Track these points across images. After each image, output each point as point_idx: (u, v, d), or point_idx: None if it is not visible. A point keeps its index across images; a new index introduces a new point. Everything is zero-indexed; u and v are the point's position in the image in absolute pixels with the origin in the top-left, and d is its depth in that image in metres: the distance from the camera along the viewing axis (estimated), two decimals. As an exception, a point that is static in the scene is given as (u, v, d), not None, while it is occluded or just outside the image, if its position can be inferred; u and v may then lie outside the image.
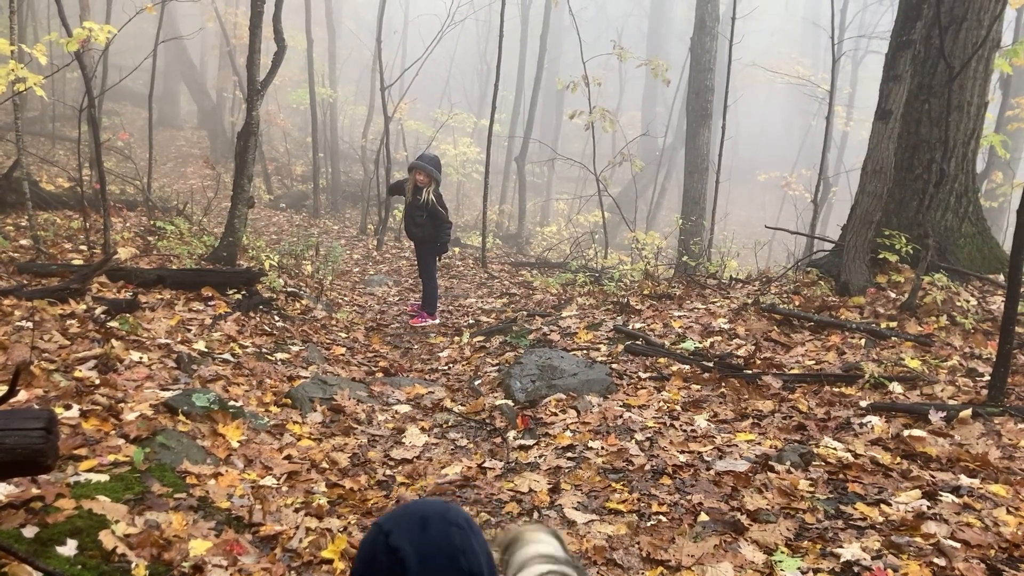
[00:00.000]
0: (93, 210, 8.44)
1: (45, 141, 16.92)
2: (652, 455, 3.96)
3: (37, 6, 18.67)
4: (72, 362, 4.39)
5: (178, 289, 6.57)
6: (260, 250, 9.90)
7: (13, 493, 2.86)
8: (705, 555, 2.95)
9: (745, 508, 3.31)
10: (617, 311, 6.98)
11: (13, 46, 6.86)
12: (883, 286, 6.30)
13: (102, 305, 5.57)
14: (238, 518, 3.21)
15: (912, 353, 5.17)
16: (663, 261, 11.89)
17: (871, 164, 6.16)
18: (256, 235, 12.49)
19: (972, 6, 6.23)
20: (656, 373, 5.25)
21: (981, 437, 3.90)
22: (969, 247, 6.61)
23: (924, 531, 3.01)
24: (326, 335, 6.96)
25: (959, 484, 3.42)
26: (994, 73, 6.89)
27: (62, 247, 7.62)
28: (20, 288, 5.69)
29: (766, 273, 8.21)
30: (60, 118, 17.60)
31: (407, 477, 3.94)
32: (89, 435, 3.50)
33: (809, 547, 2.99)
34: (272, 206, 17.79)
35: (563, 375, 5.17)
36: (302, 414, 4.63)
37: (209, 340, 5.54)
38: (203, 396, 4.16)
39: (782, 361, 5.28)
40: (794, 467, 3.69)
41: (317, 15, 20.27)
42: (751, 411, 4.50)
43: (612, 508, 3.45)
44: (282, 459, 3.92)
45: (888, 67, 6.16)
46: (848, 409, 4.39)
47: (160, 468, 3.36)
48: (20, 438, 2.24)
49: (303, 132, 26.44)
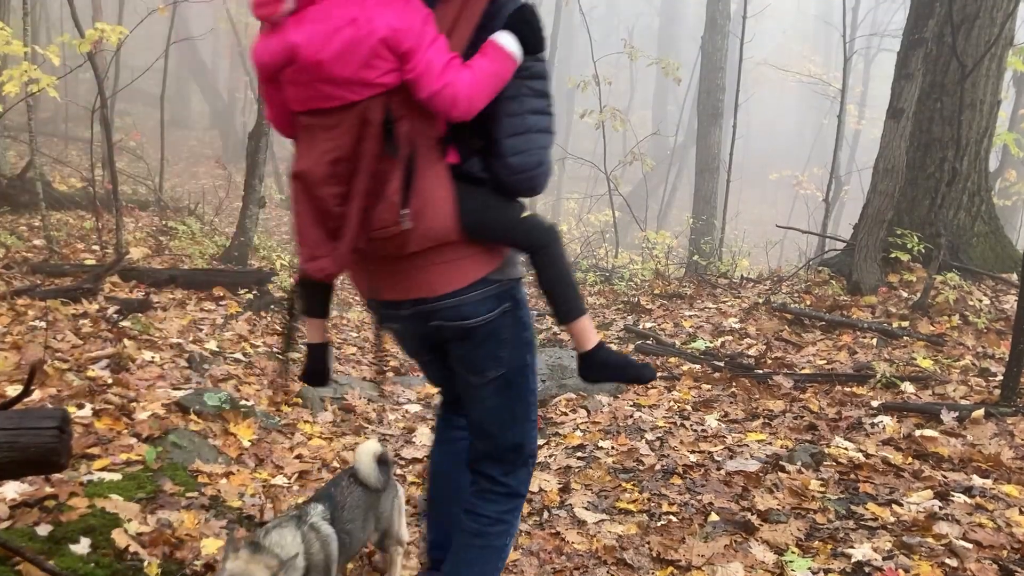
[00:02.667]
0: (105, 210, 8.49)
1: (58, 142, 17.03)
2: (662, 455, 3.96)
3: (50, 8, 18.79)
4: (85, 362, 4.42)
5: (190, 289, 6.60)
6: (271, 250, 9.94)
7: (27, 492, 2.88)
8: (715, 555, 2.94)
9: (756, 508, 3.31)
10: (628, 310, 6.98)
11: (27, 48, 6.91)
12: (895, 285, 6.28)
13: (115, 305, 5.60)
14: (249, 517, 3.22)
15: (924, 352, 5.15)
16: (674, 260, 11.87)
17: (883, 163, 6.13)
18: (267, 235, 12.54)
19: (984, 4, 6.19)
20: (667, 372, 5.25)
21: (994, 437, 3.88)
22: (982, 246, 6.58)
23: (936, 532, 3.00)
24: (337, 334, 6.99)
25: (971, 484, 3.40)
26: (1007, 71, 6.85)
27: (75, 247, 7.68)
28: (34, 288, 5.73)
29: (777, 272, 8.19)
30: (73, 119, 17.69)
31: (418, 477, 3.95)
32: (102, 434, 3.53)
33: (820, 547, 2.98)
34: (283, 206, 17.83)
35: (573, 375, 5.17)
36: (313, 413, 4.65)
37: (221, 340, 5.56)
38: (215, 395, 4.18)
39: (793, 360, 5.26)
40: (805, 467, 3.68)
41: (328, 15, 20.26)
42: (762, 411, 4.49)
43: (622, 508, 3.44)
44: (293, 458, 3.93)
45: (900, 65, 6.14)
46: (859, 409, 4.38)
47: (172, 467, 3.38)
48: (34, 437, 2.25)
49: (314, 132, 26.49)
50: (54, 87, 6.89)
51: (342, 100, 1.82)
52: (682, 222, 16.40)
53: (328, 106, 1.84)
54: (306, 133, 1.93)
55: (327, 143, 1.87)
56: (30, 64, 6.68)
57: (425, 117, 1.87)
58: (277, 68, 1.87)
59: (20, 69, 6.66)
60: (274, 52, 1.85)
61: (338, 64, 1.78)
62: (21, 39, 7.05)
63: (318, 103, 1.85)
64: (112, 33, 7.01)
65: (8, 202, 8.81)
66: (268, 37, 1.87)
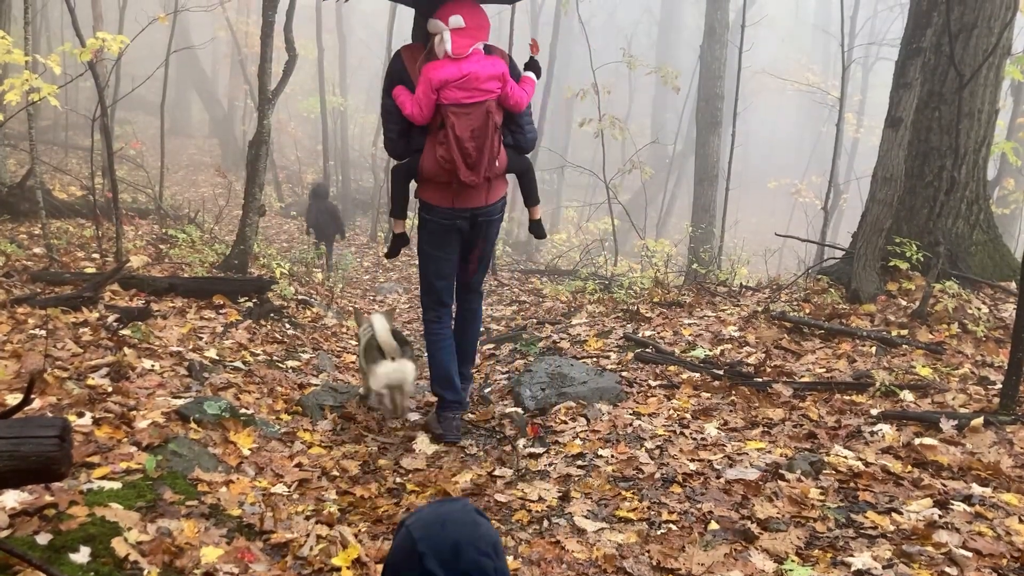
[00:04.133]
0: (105, 218, 8.50)
1: (58, 150, 17.07)
2: (662, 463, 3.96)
3: (51, 17, 18.85)
4: (85, 370, 4.42)
5: (190, 297, 6.61)
6: (271, 258, 9.95)
7: (27, 500, 2.88)
8: (715, 564, 2.94)
9: (755, 516, 3.31)
10: (627, 319, 6.98)
11: (27, 56, 6.93)
12: (894, 294, 6.28)
13: (114, 313, 5.61)
14: (249, 526, 3.22)
15: (923, 361, 5.15)
16: (673, 269, 11.88)
17: (881, 171, 6.15)
18: (267, 243, 12.56)
19: (982, 14, 6.21)
20: (666, 381, 5.25)
21: (993, 446, 3.89)
22: (980, 254, 6.59)
23: (935, 540, 3.00)
24: (336, 343, 6.99)
25: (971, 493, 3.40)
26: (1005, 80, 6.88)
27: (75, 255, 7.68)
28: (34, 296, 5.73)
29: (776, 281, 8.20)
30: (73, 127, 17.74)
31: (417, 485, 3.95)
32: (102, 443, 3.53)
33: (820, 556, 2.98)
34: (283, 214, 17.87)
35: (573, 383, 5.17)
36: (313, 422, 4.65)
37: (220, 348, 5.57)
38: (215, 404, 4.18)
39: (792, 369, 5.27)
40: (805, 475, 3.68)
41: (328, 24, 20.40)
42: (761, 419, 4.49)
43: (622, 516, 3.45)
44: (293, 467, 3.94)
45: (898, 74, 6.16)
46: (859, 417, 4.38)
47: (172, 476, 3.38)
48: (34, 446, 2.26)
49: (314, 140, 26.55)
50: (55, 96, 6.91)
51: (481, 97, 4.02)
52: (681, 230, 16.43)
53: (471, 101, 4.00)
54: (454, 117, 3.98)
55: (471, 121, 4.01)
56: (31, 73, 6.69)
57: (502, 113, 4.16)
58: (452, 80, 3.97)
59: (21, 78, 6.68)
60: (453, 72, 3.98)
61: (486, 81, 4.02)
62: (22, 48, 7.08)
63: (468, 99, 4.00)
64: (113, 42, 7.04)
65: (8, 210, 8.83)
66: (447, 66, 3.99)
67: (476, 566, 1.50)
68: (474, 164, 4.05)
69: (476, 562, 1.51)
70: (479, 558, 1.51)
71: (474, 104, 3.99)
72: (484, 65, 4.02)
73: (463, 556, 1.50)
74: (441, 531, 1.53)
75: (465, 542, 1.52)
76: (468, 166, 4.05)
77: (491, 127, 4.03)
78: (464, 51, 3.99)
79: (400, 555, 1.55)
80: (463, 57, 3.98)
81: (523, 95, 4.22)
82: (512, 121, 4.29)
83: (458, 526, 1.56)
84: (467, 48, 4.00)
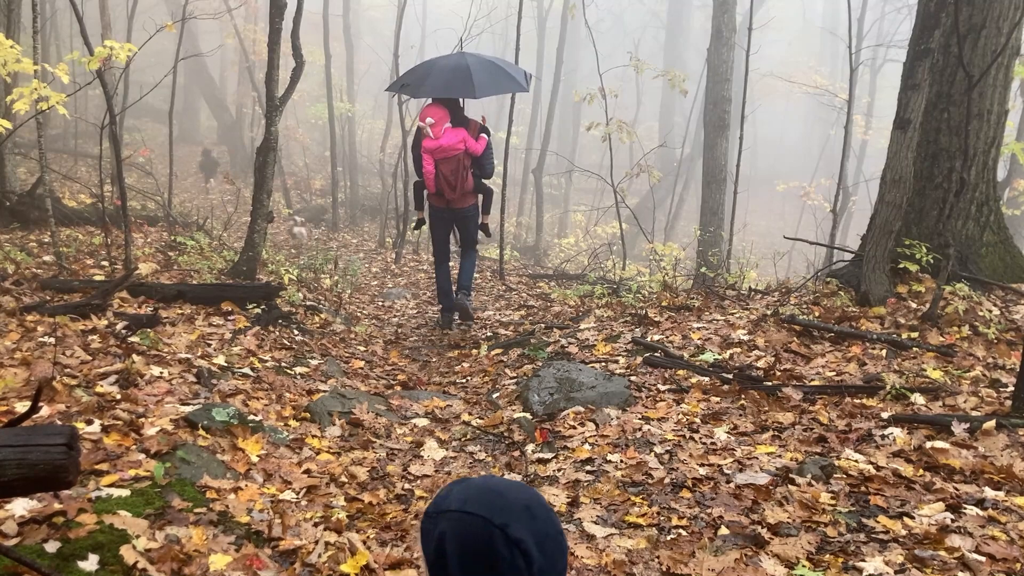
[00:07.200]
0: (114, 226, 8.53)
1: (67, 158, 17.17)
2: (672, 468, 3.94)
3: (59, 25, 18.97)
4: (93, 377, 4.43)
5: (198, 304, 6.62)
6: (279, 264, 9.97)
7: (36, 508, 2.88)
8: (726, 569, 2.92)
9: (766, 521, 3.29)
10: (635, 323, 6.96)
11: (36, 65, 6.98)
12: (904, 296, 6.25)
13: (123, 320, 5.62)
14: (258, 532, 3.22)
15: (934, 364, 5.11)
16: (681, 272, 11.84)
17: (890, 173, 6.12)
18: (275, 249, 12.58)
19: (991, 14, 6.19)
20: (675, 385, 5.23)
21: (1005, 449, 3.85)
22: (991, 256, 6.55)
23: (948, 545, 2.97)
24: (345, 349, 6.99)
25: (983, 496, 3.38)
26: (1014, 81, 6.84)
27: (84, 263, 7.71)
28: (43, 304, 5.75)
29: (785, 284, 8.17)
30: (82, 135, 17.84)
31: (426, 491, 3.94)
32: (110, 450, 3.53)
33: (831, 561, 2.96)
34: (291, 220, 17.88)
35: (581, 388, 5.16)
36: (321, 428, 4.65)
37: (229, 354, 5.57)
38: (223, 411, 4.18)
39: (802, 372, 5.24)
40: (815, 480, 3.66)
41: (335, 30, 20.45)
42: (771, 423, 4.47)
43: (631, 522, 3.43)
44: (301, 473, 3.93)
45: (906, 76, 6.13)
46: (869, 421, 4.35)
47: (180, 483, 3.38)
48: (42, 454, 2.26)
49: (322, 146, 26.65)
50: (63, 104, 6.94)
51: (453, 153, 7.19)
52: (689, 234, 16.38)
53: (448, 156, 7.21)
54: (443, 164, 7.23)
55: (451, 165, 7.26)
56: (40, 82, 6.72)
57: (470, 158, 7.35)
58: (434, 149, 7.16)
59: (30, 87, 6.72)
60: (434, 144, 7.14)
61: (454, 145, 7.19)
62: (31, 57, 7.12)
63: (446, 155, 7.20)
64: (121, 50, 7.06)
65: (18, 218, 8.87)
66: (430, 142, 7.15)
67: (551, 522, 1.47)
68: (453, 186, 7.39)
69: (549, 518, 1.47)
70: (548, 514, 1.48)
71: (450, 157, 7.21)
72: (451, 137, 7.16)
73: (537, 515, 1.45)
74: (503, 500, 1.46)
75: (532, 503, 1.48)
76: (450, 188, 7.39)
77: (461, 168, 7.29)
78: (439, 133, 7.15)
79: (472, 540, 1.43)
80: (439, 136, 7.16)
81: (478, 146, 7.30)
82: (475, 162, 7.39)
83: (512, 490, 1.50)
84: (440, 130, 7.15)
